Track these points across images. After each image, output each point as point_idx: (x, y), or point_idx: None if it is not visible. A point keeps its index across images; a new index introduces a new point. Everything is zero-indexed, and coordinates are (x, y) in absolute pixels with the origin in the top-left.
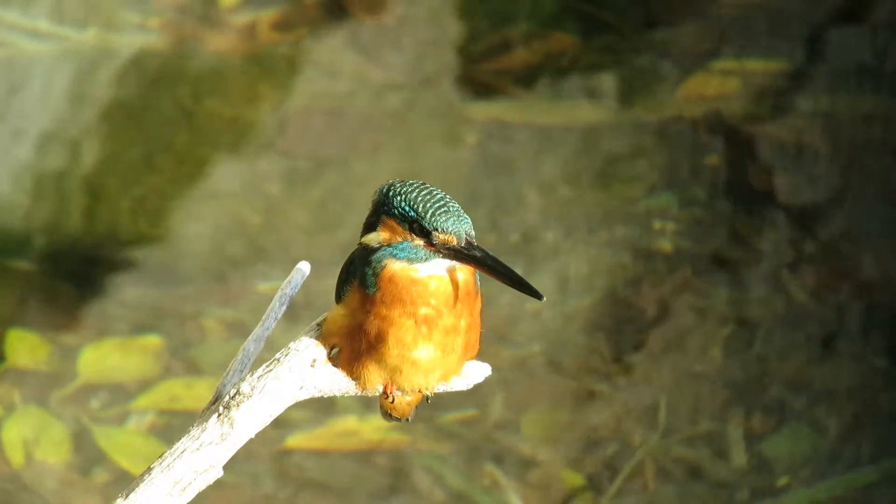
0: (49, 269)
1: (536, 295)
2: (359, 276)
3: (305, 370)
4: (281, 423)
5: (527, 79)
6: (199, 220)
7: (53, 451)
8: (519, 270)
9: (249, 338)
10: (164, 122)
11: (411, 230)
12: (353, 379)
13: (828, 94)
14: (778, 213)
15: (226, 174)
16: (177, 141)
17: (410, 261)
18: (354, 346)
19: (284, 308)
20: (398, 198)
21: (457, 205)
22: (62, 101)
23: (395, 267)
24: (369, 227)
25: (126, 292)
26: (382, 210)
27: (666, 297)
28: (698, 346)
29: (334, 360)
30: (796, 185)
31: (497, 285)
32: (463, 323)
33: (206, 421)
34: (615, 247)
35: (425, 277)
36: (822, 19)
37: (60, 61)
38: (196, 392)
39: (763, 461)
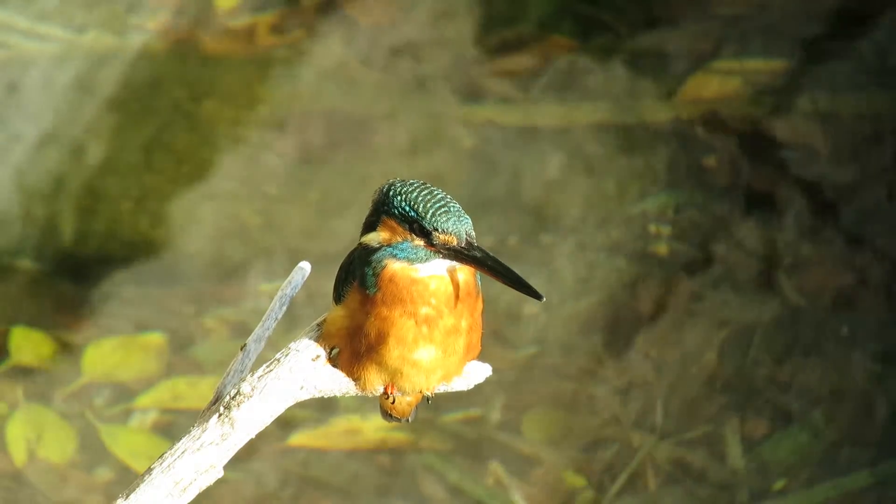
0: (52, 268)
1: (536, 295)
2: (358, 276)
3: (306, 370)
4: (283, 422)
5: (526, 80)
6: (200, 221)
7: (57, 449)
8: (517, 272)
9: (250, 338)
10: (163, 123)
11: (411, 230)
12: (354, 379)
13: (828, 93)
14: (775, 215)
15: (225, 175)
16: (176, 142)
17: (410, 261)
18: (355, 347)
19: (285, 308)
20: (398, 197)
21: (457, 205)
22: (62, 102)
23: (395, 267)
24: (369, 226)
25: (128, 291)
26: (382, 210)
27: (663, 299)
28: (695, 349)
29: (334, 360)
30: (795, 187)
31: (496, 286)
32: (464, 323)
33: (207, 421)
34: (612, 249)
35: (426, 277)
36: (821, 19)
37: (59, 63)
38: (198, 391)
39: (760, 464)
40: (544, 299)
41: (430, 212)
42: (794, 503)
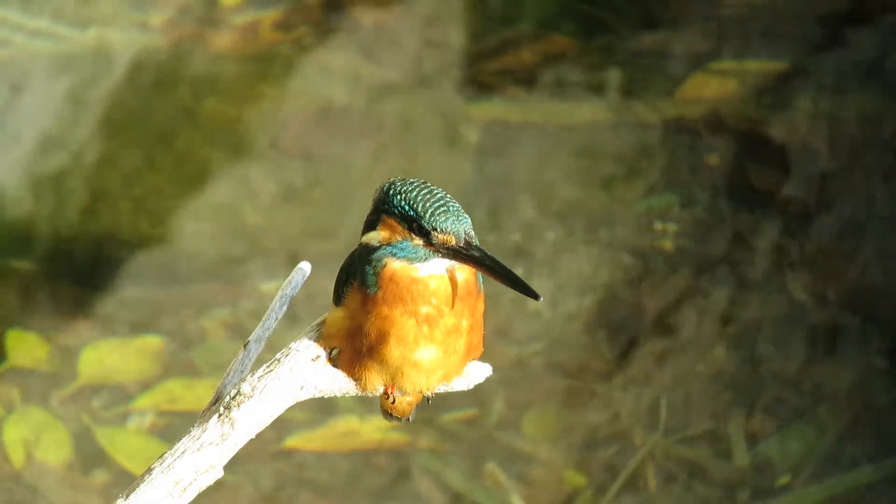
0: (50, 269)
1: (534, 295)
2: (359, 275)
3: (306, 370)
4: (281, 424)
5: (527, 79)
6: (200, 220)
7: (54, 451)
8: (519, 271)
9: (250, 338)
10: (164, 121)
11: (411, 229)
12: (354, 380)
13: (828, 94)
14: (778, 213)
15: (226, 174)
16: (177, 141)
17: (410, 260)
18: (355, 347)
19: (285, 308)
20: (398, 196)
21: (457, 204)
22: (62, 101)
23: (395, 266)
24: (370, 225)
25: (126, 292)
26: (383, 209)
27: (667, 296)
28: (699, 346)
29: (334, 361)
30: (796, 185)
31: (497, 285)
32: (465, 323)
33: (207, 421)
34: (616, 247)
35: (425, 277)
36: (821, 19)
37: (61, 61)
38: (196, 392)
39: (764, 461)
40: (542, 299)
41: (430, 211)
42: (797, 500)
